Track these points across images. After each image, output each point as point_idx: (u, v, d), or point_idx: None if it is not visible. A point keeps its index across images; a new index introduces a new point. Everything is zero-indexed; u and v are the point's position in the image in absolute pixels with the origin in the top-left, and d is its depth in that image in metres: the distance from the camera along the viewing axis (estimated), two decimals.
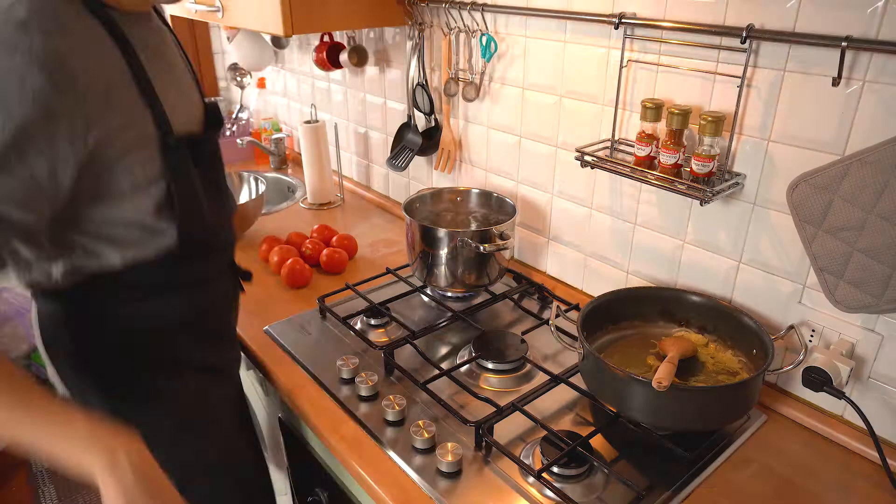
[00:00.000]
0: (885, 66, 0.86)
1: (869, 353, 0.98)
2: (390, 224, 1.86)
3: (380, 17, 1.51)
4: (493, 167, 1.55)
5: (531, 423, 1.03)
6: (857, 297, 0.92)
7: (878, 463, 0.96)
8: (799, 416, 1.06)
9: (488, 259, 1.34)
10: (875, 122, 0.88)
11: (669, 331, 1.17)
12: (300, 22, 1.36)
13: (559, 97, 1.32)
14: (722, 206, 1.11)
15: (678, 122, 1.04)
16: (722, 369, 1.07)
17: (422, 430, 0.99)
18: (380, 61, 1.80)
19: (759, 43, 0.98)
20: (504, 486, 0.93)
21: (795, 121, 0.97)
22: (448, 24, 1.47)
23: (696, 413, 0.95)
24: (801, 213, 0.95)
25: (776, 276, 1.07)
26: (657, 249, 1.24)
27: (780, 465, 0.98)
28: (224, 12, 1.56)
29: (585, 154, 1.18)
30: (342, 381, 1.15)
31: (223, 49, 2.63)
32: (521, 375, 1.16)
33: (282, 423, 1.32)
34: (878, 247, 0.87)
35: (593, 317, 1.12)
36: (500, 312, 1.39)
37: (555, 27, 1.27)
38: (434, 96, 1.61)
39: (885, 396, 0.98)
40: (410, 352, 1.22)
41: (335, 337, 1.29)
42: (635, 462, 0.98)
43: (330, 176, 2.00)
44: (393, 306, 1.37)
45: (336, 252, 1.56)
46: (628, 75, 1.17)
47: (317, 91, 2.17)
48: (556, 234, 1.44)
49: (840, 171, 0.89)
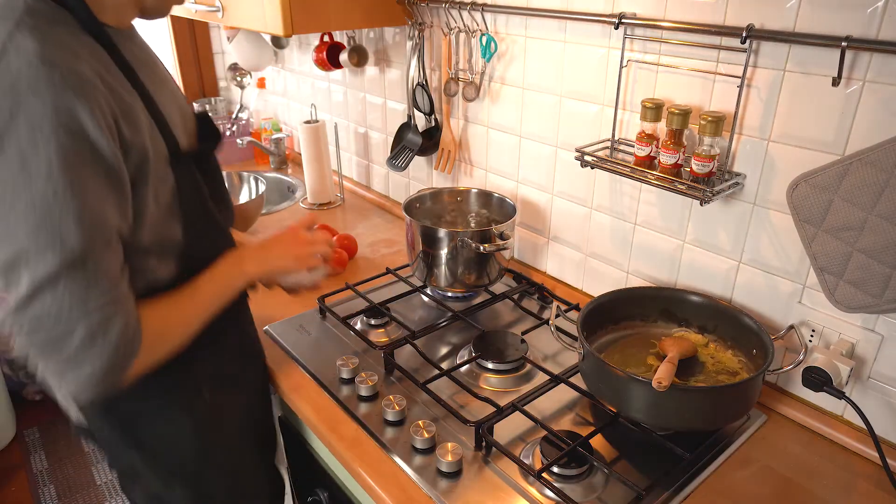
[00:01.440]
0: (885, 66, 0.86)
1: (869, 353, 0.98)
2: (390, 224, 1.86)
3: (380, 17, 1.51)
4: (493, 167, 1.55)
5: (531, 423, 1.03)
6: (857, 297, 0.92)
7: (878, 463, 0.97)
8: (799, 416, 1.06)
9: (488, 259, 1.34)
10: (875, 122, 0.88)
11: (669, 331, 1.17)
12: (300, 22, 1.36)
13: (559, 97, 1.32)
14: (722, 206, 1.11)
15: (678, 122, 1.04)
16: (722, 369, 1.07)
17: (422, 430, 0.99)
18: (380, 61, 1.80)
19: (759, 43, 0.98)
20: (504, 486, 0.93)
21: (795, 121, 0.97)
22: (448, 24, 1.47)
23: (696, 413, 0.95)
24: (801, 213, 0.95)
25: (776, 276, 1.07)
26: (657, 249, 1.24)
27: (780, 465, 0.98)
28: (224, 12, 1.56)
29: (585, 154, 1.18)
30: (342, 381, 1.15)
31: (223, 49, 2.63)
32: (521, 375, 1.16)
33: (282, 423, 1.32)
34: (878, 247, 0.87)
35: (593, 317, 1.12)
36: (500, 312, 1.39)
37: (555, 27, 1.27)
38: (434, 96, 1.61)
39: (885, 396, 0.98)
40: (410, 352, 1.22)
41: (335, 337, 1.29)
42: (635, 462, 0.98)
43: (330, 176, 2.00)
44: (393, 306, 1.37)
45: (336, 252, 1.56)
46: (628, 75, 1.17)
47: (317, 91, 2.17)
48: (556, 234, 1.44)
49: (840, 171, 0.89)
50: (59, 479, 2.32)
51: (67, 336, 0.74)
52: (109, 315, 0.76)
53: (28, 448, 2.46)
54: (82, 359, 0.76)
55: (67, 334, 0.74)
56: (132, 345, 0.80)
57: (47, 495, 2.25)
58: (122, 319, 0.78)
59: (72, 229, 0.72)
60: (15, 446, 2.47)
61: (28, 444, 2.48)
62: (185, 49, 2.56)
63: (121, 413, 0.99)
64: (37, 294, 0.73)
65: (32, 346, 0.76)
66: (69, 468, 2.37)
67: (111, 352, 0.77)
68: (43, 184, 0.70)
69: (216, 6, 1.56)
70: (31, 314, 0.73)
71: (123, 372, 0.80)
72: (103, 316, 0.76)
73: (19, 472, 2.35)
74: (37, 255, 0.72)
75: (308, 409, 1.10)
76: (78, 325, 0.74)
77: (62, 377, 0.77)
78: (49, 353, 0.76)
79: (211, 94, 2.68)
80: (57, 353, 0.75)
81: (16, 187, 0.70)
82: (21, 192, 0.70)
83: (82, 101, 0.71)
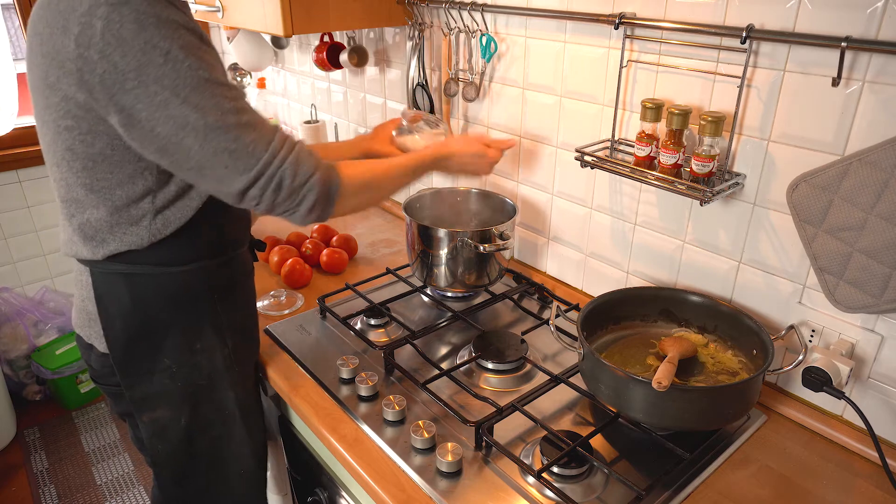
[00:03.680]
0: (885, 67, 0.86)
1: (869, 353, 0.98)
2: (390, 224, 1.86)
3: (380, 17, 1.51)
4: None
5: (531, 423, 1.04)
6: (856, 297, 0.92)
7: (878, 463, 0.97)
8: (799, 416, 1.06)
9: (488, 259, 1.34)
10: (875, 122, 0.88)
11: (669, 331, 1.17)
12: (300, 22, 1.36)
13: (559, 97, 1.32)
14: (722, 206, 1.11)
15: (678, 122, 1.04)
16: (722, 369, 1.07)
17: (422, 430, 0.99)
18: (380, 61, 1.80)
19: (759, 43, 0.98)
20: (504, 486, 0.93)
21: (795, 121, 0.97)
22: (448, 25, 1.47)
23: (696, 413, 0.95)
24: (801, 213, 0.95)
25: (776, 276, 1.07)
26: (657, 249, 1.24)
27: (780, 465, 0.98)
28: (224, 12, 1.56)
29: (585, 154, 1.18)
30: (342, 381, 1.15)
31: (223, 49, 2.63)
32: (521, 375, 1.16)
33: (282, 423, 1.32)
34: (877, 247, 0.88)
35: (593, 317, 1.12)
36: (500, 312, 1.39)
37: (555, 27, 1.27)
38: (434, 96, 1.61)
39: (884, 396, 0.99)
40: (410, 352, 1.22)
41: (335, 337, 1.29)
42: (635, 462, 0.98)
43: None
44: (393, 306, 1.37)
45: (336, 252, 1.56)
46: (628, 75, 1.17)
47: (317, 91, 2.17)
48: (556, 234, 1.44)
49: (840, 171, 0.89)
50: (59, 479, 2.32)
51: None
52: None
53: (28, 448, 2.46)
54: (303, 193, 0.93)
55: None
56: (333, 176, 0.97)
57: (47, 495, 2.25)
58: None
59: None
60: (15, 446, 2.47)
61: (28, 444, 2.48)
62: None
63: (153, 337, 1.07)
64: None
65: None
66: (69, 468, 2.37)
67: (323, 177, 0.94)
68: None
69: (216, 6, 1.56)
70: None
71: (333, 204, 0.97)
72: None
73: (19, 472, 2.35)
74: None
75: (308, 409, 1.10)
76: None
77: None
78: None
79: None
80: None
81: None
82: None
83: (183, 11, 0.88)
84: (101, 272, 1.02)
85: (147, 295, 1.03)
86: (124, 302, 1.03)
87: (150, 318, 1.04)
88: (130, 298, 1.02)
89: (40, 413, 2.63)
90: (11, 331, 2.54)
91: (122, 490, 2.27)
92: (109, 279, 1.02)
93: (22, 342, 2.55)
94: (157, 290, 1.03)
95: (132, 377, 1.08)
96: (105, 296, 1.03)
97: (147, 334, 1.05)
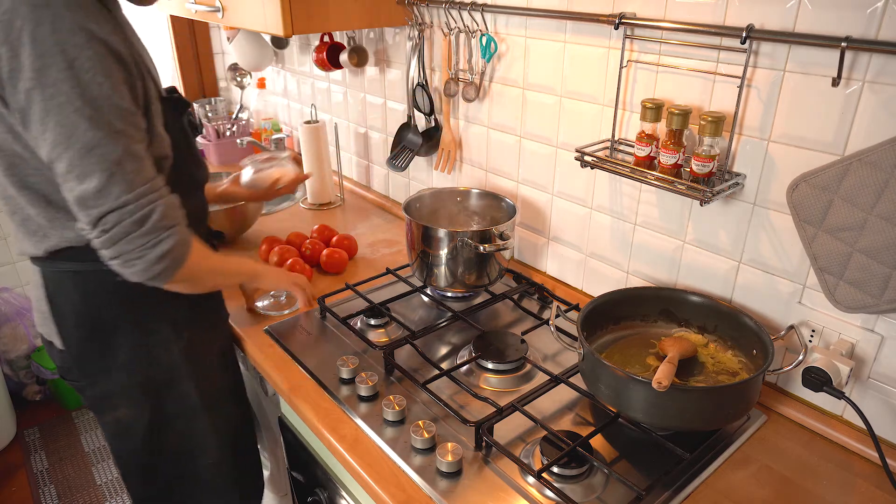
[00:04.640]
0: (885, 67, 0.86)
1: (869, 353, 0.98)
2: (390, 224, 1.86)
3: (380, 17, 1.51)
4: (493, 167, 1.55)
5: (531, 423, 1.04)
6: (856, 297, 0.92)
7: (878, 463, 0.97)
8: (799, 417, 1.06)
9: (488, 259, 1.34)
10: (875, 122, 0.88)
11: (669, 331, 1.17)
12: (300, 22, 1.36)
13: (559, 97, 1.32)
14: (722, 207, 1.11)
15: (678, 122, 1.04)
16: (722, 369, 1.07)
17: (422, 430, 0.99)
18: (380, 61, 1.80)
19: (759, 43, 0.98)
20: (504, 486, 0.93)
21: (795, 121, 0.97)
22: (448, 25, 1.47)
23: (696, 413, 0.95)
24: (801, 213, 0.95)
25: (776, 276, 1.07)
26: (657, 249, 1.24)
27: (780, 465, 0.98)
28: (224, 12, 1.56)
29: (585, 154, 1.18)
30: (342, 381, 1.15)
31: (223, 49, 2.63)
32: (521, 375, 1.16)
33: (282, 423, 1.32)
34: (877, 247, 0.88)
35: (593, 317, 1.12)
36: (500, 312, 1.39)
37: (555, 27, 1.27)
38: (434, 96, 1.61)
39: (884, 396, 0.99)
40: (410, 352, 1.22)
41: (335, 337, 1.29)
42: (635, 462, 0.98)
43: (330, 176, 2.00)
44: (393, 306, 1.37)
45: (336, 252, 1.56)
46: (628, 75, 1.17)
47: (317, 91, 2.17)
48: (556, 234, 1.44)
49: (840, 171, 0.89)
50: (59, 479, 2.32)
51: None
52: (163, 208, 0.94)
53: (28, 448, 2.46)
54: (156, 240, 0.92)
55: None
56: (186, 244, 0.97)
57: (47, 495, 2.25)
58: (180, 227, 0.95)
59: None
60: (15, 446, 2.47)
61: (28, 444, 2.48)
62: (185, 49, 2.56)
63: (105, 334, 1.08)
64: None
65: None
66: (69, 468, 2.37)
67: (177, 240, 0.94)
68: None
69: (216, 6, 1.56)
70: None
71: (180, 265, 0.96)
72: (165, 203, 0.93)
73: (19, 472, 2.35)
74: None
75: (308, 409, 1.10)
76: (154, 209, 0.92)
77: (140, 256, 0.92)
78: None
79: (211, 94, 2.68)
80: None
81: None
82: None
83: (104, 26, 0.88)
84: (51, 271, 1.04)
85: (96, 291, 1.04)
86: (74, 300, 1.04)
87: (101, 314, 1.06)
88: (80, 296, 1.04)
89: (40, 413, 2.63)
90: (11, 331, 2.54)
91: (123, 490, 2.27)
92: (59, 277, 1.04)
93: (22, 342, 2.55)
94: (105, 286, 1.03)
95: (90, 375, 1.10)
96: (56, 294, 1.05)
97: (99, 330, 1.06)
